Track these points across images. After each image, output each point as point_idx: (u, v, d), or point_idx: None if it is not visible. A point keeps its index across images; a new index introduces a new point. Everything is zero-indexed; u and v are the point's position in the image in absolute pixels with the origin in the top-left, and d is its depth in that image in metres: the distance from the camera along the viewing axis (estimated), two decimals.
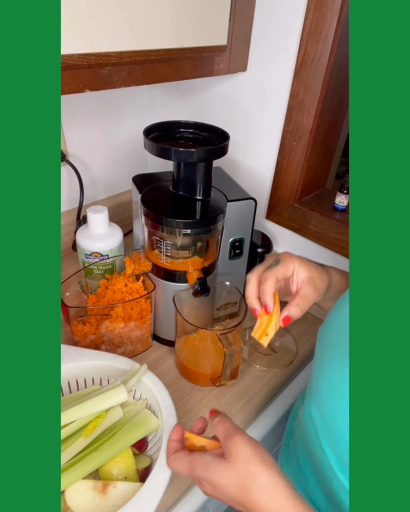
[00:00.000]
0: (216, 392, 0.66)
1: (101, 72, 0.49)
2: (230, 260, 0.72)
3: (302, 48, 0.65)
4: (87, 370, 0.55)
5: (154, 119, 0.78)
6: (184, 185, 0.62)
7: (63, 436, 0.46)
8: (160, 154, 0.56)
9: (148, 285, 0.68)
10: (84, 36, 0.45)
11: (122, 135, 0.96)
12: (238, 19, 0.64)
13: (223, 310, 0.75)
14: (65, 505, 0.43)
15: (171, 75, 0.56)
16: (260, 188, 0.82)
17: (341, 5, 0.60)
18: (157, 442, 0.50)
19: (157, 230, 0.61)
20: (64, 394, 0.56)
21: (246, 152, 0.82)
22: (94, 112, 0.88)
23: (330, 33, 0.63)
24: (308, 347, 0.77)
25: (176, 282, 0.66)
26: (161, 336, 0.73)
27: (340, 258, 0.76)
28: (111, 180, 1.00)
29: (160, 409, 0.49)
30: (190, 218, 0.59)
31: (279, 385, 0.70)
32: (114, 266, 0.75)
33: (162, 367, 0.70)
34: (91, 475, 0.46)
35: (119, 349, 0.68)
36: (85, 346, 0.66)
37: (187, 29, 0.55)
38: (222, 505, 0.69)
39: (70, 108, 0.82)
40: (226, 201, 0.64)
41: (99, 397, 0.48)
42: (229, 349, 0.56)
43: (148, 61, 0.53)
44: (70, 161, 0.83)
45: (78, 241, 0.76)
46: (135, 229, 0.75)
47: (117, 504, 0.43)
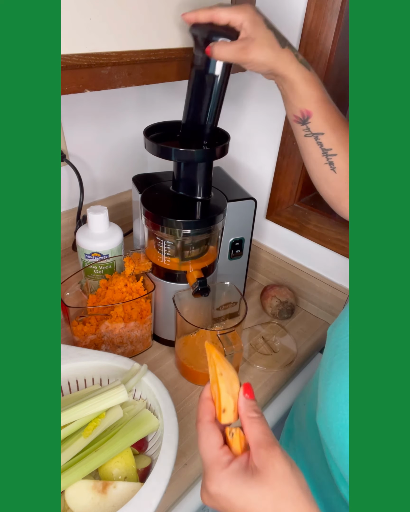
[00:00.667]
0: None
1: (101, 72, 0.49)
2: (230, 260, 0.72)
3: (302, 48, 0.65)
4: (87, 370, 0.55)
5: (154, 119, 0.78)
6: (185, 185, 0.62)
7: (63, 436, 0.46)
8: (160, 154, 0.56)
9: (148, 285, 0.68)
10: (84, 36, 0.45)
11: (122, 135, 0.96)
12: None
13: (223, 310, 0.75)
14: (65, 505, 0.43)
15: (171, 75, 0.56)
16: (260, 188, 0.82)
17: (341, 5, 0.60)
18: (157, 442, 0.50)
19: (157, 230, 0.61)
20: (64, 394, 0.56)
21: (246, 152, 0.82)
22: (94, 112, 0.88)
23: (330, 33, 0.63)
24: (308, 347, 0.77)
25: (176, 282, 0.66)
26: (161, 336, 0.73)
27: (340, 258, 0.76)
28: (111, 180, 1.00)
29: (160, 409, 0.49)
30: (190, 218, 0.59)
31: (279, 385, 0.70)
32: (114, 266, 0.75)
33: (162, 367, 0.70)
34: (91, 475, 0.46)
35: (119, 349, 0.68)
36: (85, 346, 0.66)
37: (187, 29, 0.55)
38: None
39: (70, 108, 0.82)
40: (226, 201, 0.64)
41: (99, 397, 0.48)
42: (229, 349, 0.56)
43: (148, 61, 0.53)
44: (70, 161, 0.83)
45: (78, 241, 0.76)
46: (135, 229, 0.75)
47: (117, 504, 0.43)
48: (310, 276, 0.82)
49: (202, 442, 0.33)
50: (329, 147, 0.48)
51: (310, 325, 0.82)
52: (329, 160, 0.49)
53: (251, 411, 0.33)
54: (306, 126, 0.48)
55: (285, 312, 0.80)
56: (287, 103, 0.49)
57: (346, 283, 0.78)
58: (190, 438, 0.59)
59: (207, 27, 0.46)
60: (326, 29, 0.62)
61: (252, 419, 0.33)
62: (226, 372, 0.35)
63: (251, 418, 0.33)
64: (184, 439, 0.59)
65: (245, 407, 0.33)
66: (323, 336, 0.81)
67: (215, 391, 0.35)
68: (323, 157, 0.49)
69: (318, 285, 0.81)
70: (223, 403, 0.34)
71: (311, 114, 0.47)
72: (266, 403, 0.68)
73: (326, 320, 0.83)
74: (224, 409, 0.34)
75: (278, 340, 0.77)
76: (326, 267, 0.80)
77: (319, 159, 0.50)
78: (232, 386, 0.35)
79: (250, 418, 0.33)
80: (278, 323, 0.81)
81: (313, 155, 0.50)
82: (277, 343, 0.76)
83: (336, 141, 0.48)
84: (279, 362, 0.73)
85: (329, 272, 0.80)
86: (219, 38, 0.45)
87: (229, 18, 0.43)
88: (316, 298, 0.83)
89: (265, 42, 0.44)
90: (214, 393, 0.35)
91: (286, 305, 0.80)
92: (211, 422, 0.34)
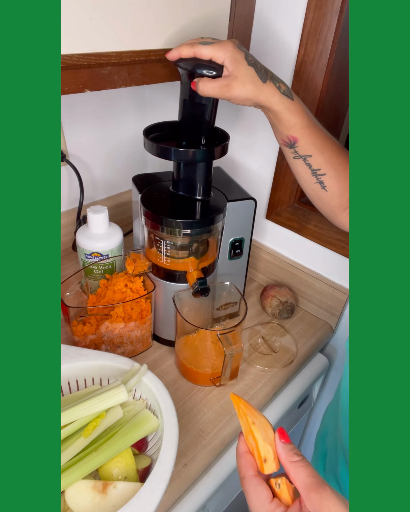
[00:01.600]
0: (216, 392, 0.66)
1: (101, 72, 0.49)
2: (230, 260, 0.72)
3: (302, 48, 0.65)
4: (87, 370, 0.55)
5: (154, 119, 0.78)
6: (184, 185, 0.62)
7: (63, 436, 0.46)
8: (160, 154, 0.56)
9: (148, 285, 0.68)
10: (84, 36, 0.45)
11: (122, 135, 0.96)
12: (238, 19, 0.64)
13: (223, 310, 0.75)
14: (65, 505, 0.43)
15: (171, 75, 0.56)
16: (260, 188, 0.82)
17: (341, 5, 0.60)
18: (157, 442, 0.50)
19: (157, 230, 0.61)
20: (64, 394, 0.56)
21: (246, 152, 0.82)
22: (94, 112, 0.88)
23: (330, 33, 0.63)
24: (308, 347, 0.77)
25: (176, 282, 0.66)
26: (161, 336, 0.73)
27: (340, 258, 0.76)
28: (111, 180, 1.00)
29: (160, 409, 0.49)
30: (190, 218, 0.59)
31: (279, 385, 0.70)
32: (114, 266, 0.75)
33: (162, 367, 0.70)
34: (91, 475, 0.46)
35: (119, 349, 0.68)
36: (85, 346, 0.66)
37: (187, 29, 0.55)
38: (222, 505, 0.69)
39: (70, 108, 0.82)
40: (226, 201, 0.64)
41: (99, 397, 0.48)
42: (229, 349, 0.56)
43: (148, 61, 0.53)
44: (70, 161, 0.83)
45: (78, 241, 0.76)
46: (135, 229, 0.75)
47: (117, 504, 0.43)
48: (310, 276, 0.82)
49: (252, 499, 0.32)
50: (317, 167, 0.50)
51: (310, 325, 0.82)
52: (319, 180, 0.51)
53: (292, 455, 0.33)
54: (293, 149, 0.50)
55: (285, 312, 0.80)
56: (274, 129, 0.51)
57: (346, 283, 0.78)
58: (190, 438, 0.59)
59: (191, 61, 0.48)
60: (326, 29, 0.62)
61: (296, 463, 0.32)
62: (258, 420, 0.34)
63: (293, 462, 0.32)
64: (184, 439, 0.59)
65: (285, 452, 0.33)
66: (323, 336, 0.81)
67: (251, 442, 0.34)
68: (312, 177, 0.51)
69: (318, 285, 0.81)
70: (262, 452, 0.33)
71: (297, 139, 0.49)
72: (266, 403, 0.68)
73: (326, 320, 0.83)
74: (265, 458, 0.33)
75: (278, 340, 0.77)
76: (326, 267, 0.80)
77: (309, 179, 0.52)
78: (266, 434, 0.34)
79: (293, 462, 0.32)
80: (278, 323, 0.81)
81: (303, 175, 0.52)
82: (277, 343, 0.76)
83: (324, 162, 0.50)
84: (279, 362, 0.73)
85: (329, 272, 0.80)
86: (204, 70, 0.47)
87: (211, 56, 0.45)
88: (316, 298, 0.83)
89: (247, 79, 0.45)
90: (250, 444, 0.35)
91: (286, 305, 0.80)
92: (256, 476, 0.33)
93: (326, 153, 0.50)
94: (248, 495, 0.33)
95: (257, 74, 0.46)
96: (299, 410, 0.85)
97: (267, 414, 0.66)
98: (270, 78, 0.47)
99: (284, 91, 0.47)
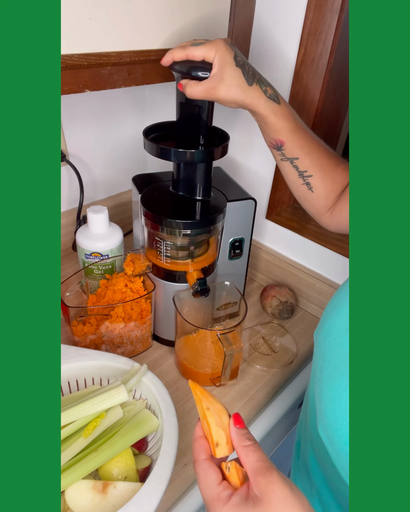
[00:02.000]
0: (216, 392, 0.66)
1: (101, 72, 0.49)
2: (230, 260, 0.72)
3: (302, 48, 0.65)
4: (87, 370, 0.55)
5: (154, 119, 0.78)
6: (184, 186, 0.62)
7: (63, 436, 0.46)
8: (159, 155, 0.56)
9: (148, 285, 0.68)
10: (84, 36, 0.45)
11: (122, 135, 0.96)
12: (238, 19, 0.64)
13: (223, 310, 0.75)
14: (65, 505, 0.43)
15: (171, 75, 0.56)
16: (260, 188, 0.82)
17: (341, 5, 0.60)
18: (157, 442, 0.50)
19: (157, 230, 0.61)
20: (64, 394, 0.56)
21: (246, 152, 0.82)
22: (94, 112, 0.88)
23: (330, 33, 0.63)
24: (308, 347, 0.77)
25: (176, 282, 0.66)
26: (161, 336, 0.73)
27: (340, 258, 0.76)
28: (111, 180, 1.00)
29: (160, 409, 0.49)
30: (190, 219, 0.59)
31: (279, 385, 0.70)
32: (114, 266, 0.75)
33: (162, 367, 0.70)
34: (91, 475, 0.46)
35: (119, 349, 0.68)
36: (85, 346, 0.66)
37: (187, 29, 0.55)
38: None
39: (70, 108, 0.82)
40: (226, 201, 0.64)
41: (99, 397, 0.48)
42: (229, 349, 0.56)
43: (148, 61, 0.53)
44: (70, 161, 0.83)
45: (78, 241, 0.76)
46: (135, 229, 0.75)
47: (117, 504, 0.43)
48: (310, 276, 0.82)
49: (200, 480, 0.33)
50: (304, 169, 0.51)
51: (310, 325, 0.82)
52: (306, 181, 0.52)
53: (244, 440, 0.33)
54: (281, 152, 0.51)
55: (285, 312, 0.80)
56: (262, 131, 0.52)
57: None
58: (190, 438, 0.59)
59: (185, 64, 0.48)
60: (326, 29, 0.62)
61: (246, 447, 0.33)
62: (212, 406, 0.35)
63: (245, 447, 0.33)
64: (184, 439, 0.59)
65: (238, 437, 0.34)
66: None
67: (206, 427, 0.35)
68: (299, 179, 0.52)
69: (318, 285, 0.81)
70: (214, 437, 0.34)
71: (283, 143, 0.50)
72: (266, 403, 0.68)
73: None
74: (217, 443, 0.34)
75: (278, 340, 0.77)
76: (326, 267, 0.80)
77: (296, 180, 0.53)
78: (221, 419, 0.35)
79: (244, 447, 0.33)
80: (278, 323, 0.81)
81: (290, 177, 0.53)
82: (277, 343, 0.76)
83: (311, 164, 0.51)
84: (279, 362, 0.73)
85: (329, 272, 0.80)
86: (198, 72, 0.47)
87: (203, 56, 0.46)
88: (316, 298, 0.83)
89: (232, 82, 0.46)
90: (205, 429, 0.35)
91: (286, 305, 0.80)
92: (207, 459, 0.34)
93: (313, 156, 0.50)
94: (198, 477, 0.33)
95: (243, 76, 0.46)
96: (299, 410, 0.85)
97: (266, 414, 0.66)
98: (257, 81, 0.47)
99: (270, 95, 0.47)
